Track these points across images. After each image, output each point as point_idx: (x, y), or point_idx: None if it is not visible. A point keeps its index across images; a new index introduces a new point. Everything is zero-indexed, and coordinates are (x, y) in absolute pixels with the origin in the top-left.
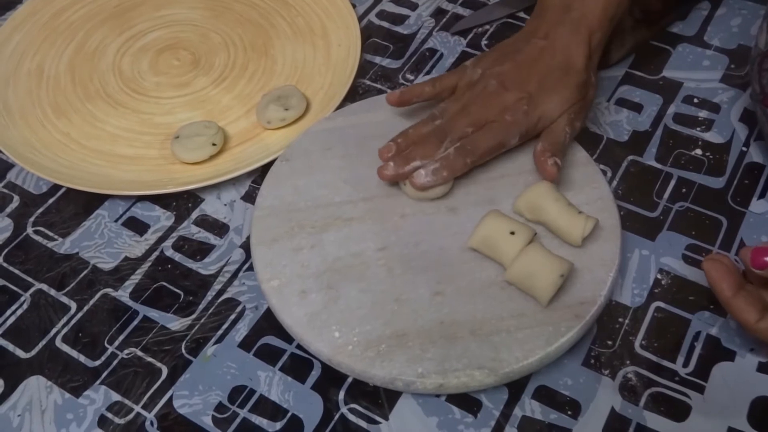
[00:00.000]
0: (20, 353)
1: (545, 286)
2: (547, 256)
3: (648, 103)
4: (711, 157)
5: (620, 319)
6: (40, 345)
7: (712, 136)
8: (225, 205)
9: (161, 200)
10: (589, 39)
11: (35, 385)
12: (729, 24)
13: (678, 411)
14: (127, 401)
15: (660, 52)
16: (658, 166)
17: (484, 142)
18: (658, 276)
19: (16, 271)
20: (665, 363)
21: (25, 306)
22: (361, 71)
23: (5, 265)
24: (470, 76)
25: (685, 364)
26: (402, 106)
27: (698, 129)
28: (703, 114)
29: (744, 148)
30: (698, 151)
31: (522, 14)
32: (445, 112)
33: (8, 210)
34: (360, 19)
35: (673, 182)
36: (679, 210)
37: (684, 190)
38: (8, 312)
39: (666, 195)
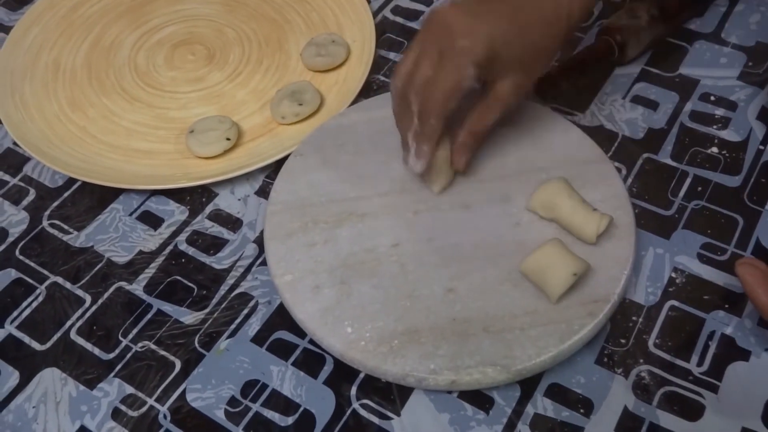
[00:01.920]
0: (36, 345)
1: (557, 282)
2: (564, 253)
3: (664, 101)
4: (727, 155)
5: (634, 318)
6: (55, 337)
7: (729, 134)
8: (239, 199)
9: (175, 194)
10: None
11: (50, 377)
12: (747, 21)
13: (691, 410)
14: (140, 394)
15: (677, 49)
16: (674, 164)
17: (440, 86)
18: (673, 275)
19: (32, 264)
20: (679, 362)
21: (40, 298)
22: (376, 67)
23: (21, 257)
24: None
25: (699, 364)
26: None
27: (715, 127)
28: (719, 112)
29: (761, 147)
30: (714, 149)
31: None
32: (400, 67)
33: (24, 203)
34: (375, 14)
35: (688, 180)
36: (695, 208)
37: (700, 188)
38: (24, 304)
39: (681, 193)
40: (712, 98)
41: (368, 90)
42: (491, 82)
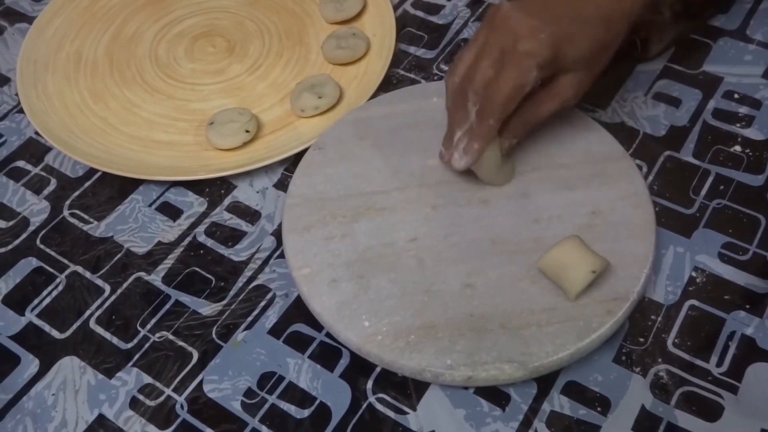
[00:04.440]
0: (55, 334)
1: (575, 279)
2: (583, 250)
3: (687, 98)
4: (750, 154)
5: (653, 317)
6: (75, 326)
7: (753, 133)
8: (257, 192)
9: (195, 186)
10: None
11: (69, 366)
12: None
13: (710, 411)
14: (158, 384)
15: (700, 45)
16: (696, 162)
17: (502, 88)
18: (693, 274)
19: (53, 253)
20: (698, 362)
21: (60, 287)
22: (396, 61)
23: (42, 246)
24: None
25: (719, 364)
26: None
27: (738, 125)
28: (743, 110)
29: None
30: (737, 148)
31: None
32: (459, 63)
33: (45, 192)
34: (395, 8)
35: (710, 179)
36: (716, 207)
37: (722, 187)
38: (44, 293)
39: (703, 192)
40: (736, 96)
41: (388, 84)
42: (553, 75)
